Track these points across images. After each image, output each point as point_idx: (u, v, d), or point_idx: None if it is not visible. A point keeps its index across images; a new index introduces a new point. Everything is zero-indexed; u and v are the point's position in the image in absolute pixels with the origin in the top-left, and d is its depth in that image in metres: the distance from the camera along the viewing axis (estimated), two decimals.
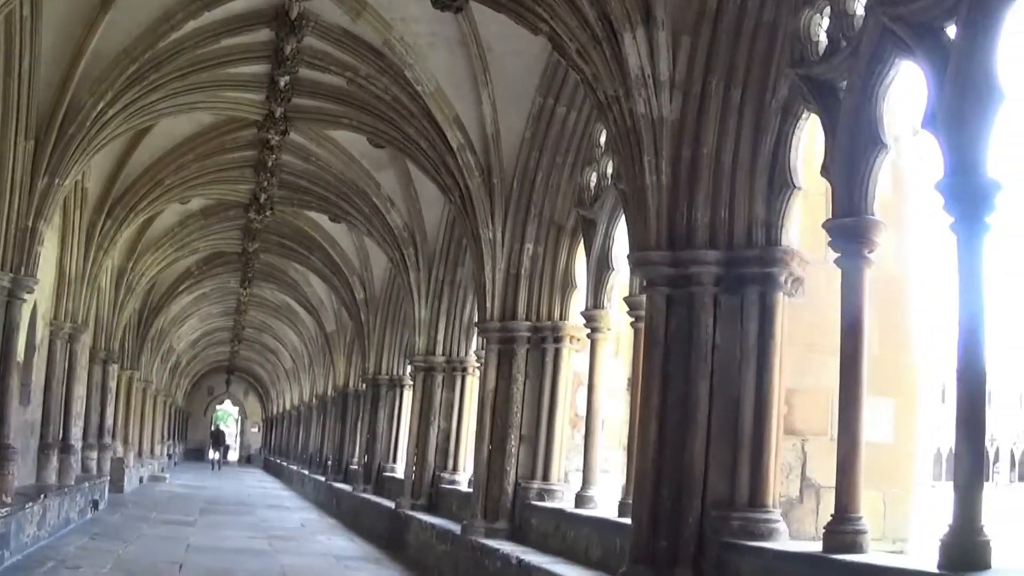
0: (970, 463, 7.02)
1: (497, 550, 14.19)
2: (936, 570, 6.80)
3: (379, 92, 17.55)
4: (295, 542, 22.76)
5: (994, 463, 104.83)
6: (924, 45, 7.81)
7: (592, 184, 14.85)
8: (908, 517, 12.06)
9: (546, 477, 15.39)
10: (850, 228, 8.69)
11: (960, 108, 7.33)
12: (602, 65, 10.67)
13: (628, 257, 11.02)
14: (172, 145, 22.12)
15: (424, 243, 21.96)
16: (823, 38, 9.37)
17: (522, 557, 13.29)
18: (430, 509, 20.53)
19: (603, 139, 14.41)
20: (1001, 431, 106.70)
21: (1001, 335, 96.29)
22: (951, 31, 7.65)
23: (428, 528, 18.80)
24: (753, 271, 9.77)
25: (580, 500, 13.92)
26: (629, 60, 10.26)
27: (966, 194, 7.28)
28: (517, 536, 15.13)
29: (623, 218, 12.13)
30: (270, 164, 22.94)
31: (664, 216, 10.19)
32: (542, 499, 15.17)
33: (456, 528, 16.56)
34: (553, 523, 14.18)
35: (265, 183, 24.28)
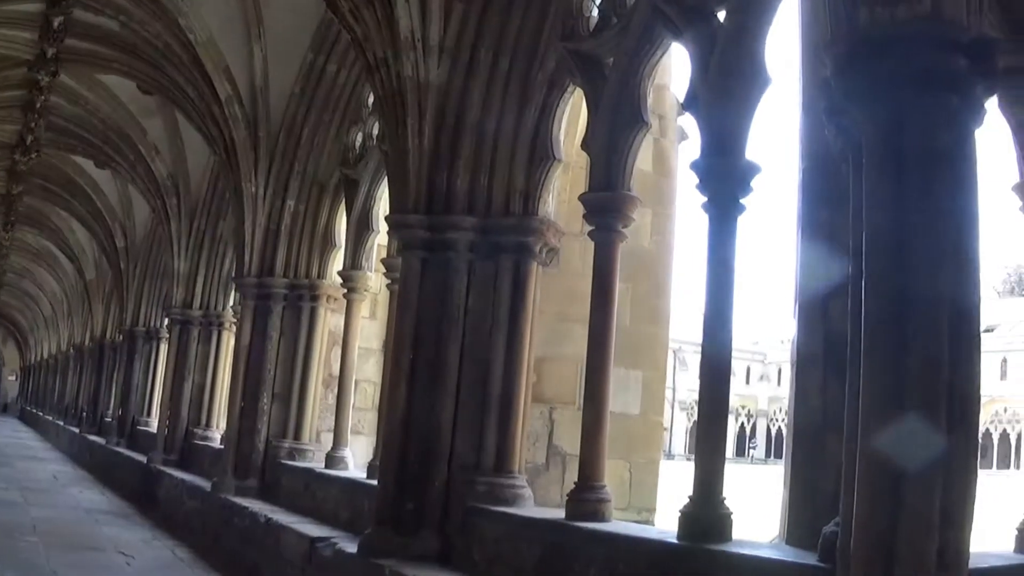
0: (711, 437, 7.18)
1: (246, 508, 14.04)
2: (675, 540, 6.91)
3: (151, 38, 17.13)
4: (47, 494, 22.16)
5: (750, 439, 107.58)
6: (693, 27, 7.90)
7: (357, 144, 14.72)
8: (655, 488, 12.34)
9: (298, 436, 15.24)
10: (605, 202, 8.81)
11: (722, 91, 7.46)
12: (373, 26, 10.57)
13: (386, 219, 10.98)
14: None
15: (187, 194, 21.66)
16: (595, 14, 9.46)
17: (270, 516, 13.17)
18: (182, 465, 20.16)
19: (371, 100, 14.29)
20: (760, 408, 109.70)
21: (764, 313, 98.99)
22: (722, 15, 7.75)
23: (179, 484, 18.50)
24: (509, 239, 9.83)
25: (331, 460, 13.81)
26: (400, 23, 10.18)
27: (721, 175, 7.40)
28: (267, 495, 14.94)
29: (386, 180, 12.09)
30: (39, 105, 22.24)
31: (424, 180, 10.16)
32: (293, 458, 15.03)
33: (207, 485, 16.31)
34: (303, 482, 14.08)
35: (33, 124, 23.52)
